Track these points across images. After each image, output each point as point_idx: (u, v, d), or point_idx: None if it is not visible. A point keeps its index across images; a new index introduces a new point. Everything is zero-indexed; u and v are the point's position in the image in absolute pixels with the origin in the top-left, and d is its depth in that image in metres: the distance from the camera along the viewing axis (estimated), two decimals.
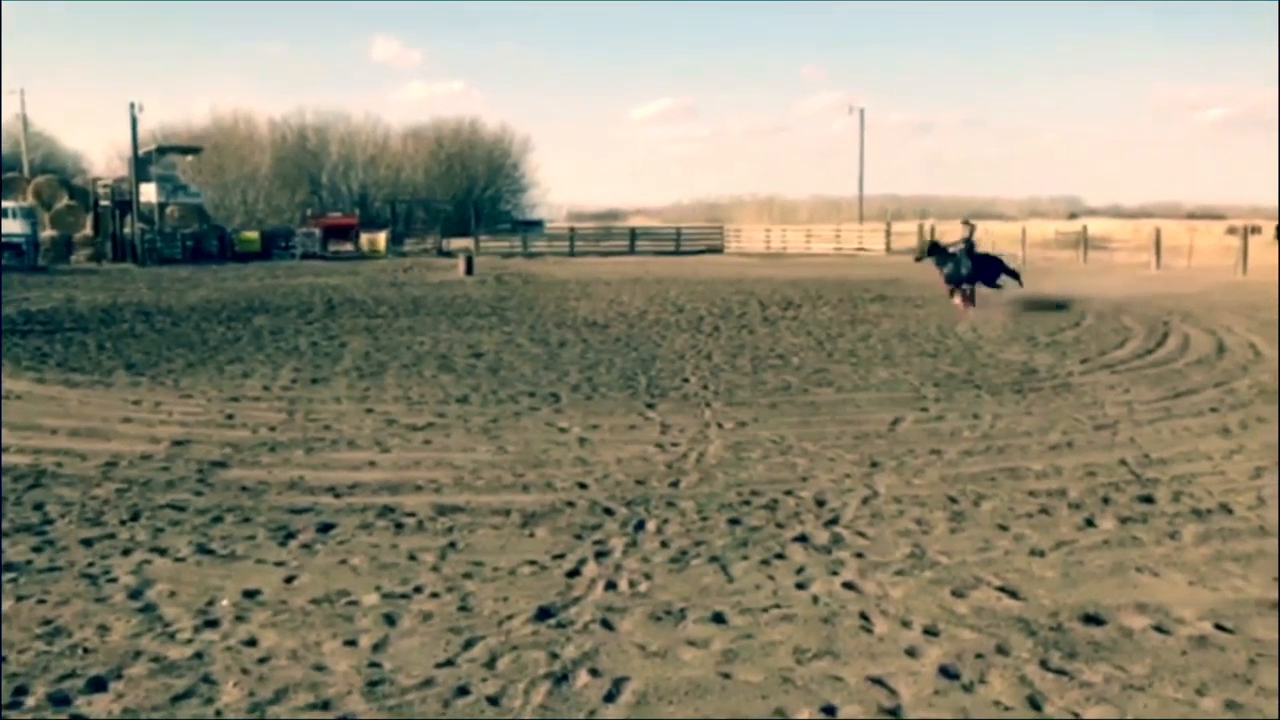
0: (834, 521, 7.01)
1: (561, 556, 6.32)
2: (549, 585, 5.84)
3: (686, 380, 12.94)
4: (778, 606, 5.49)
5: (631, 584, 5.83)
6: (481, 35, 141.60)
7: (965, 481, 8.03)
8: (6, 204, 45.98)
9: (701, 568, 6.11)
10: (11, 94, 75.49)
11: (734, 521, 7.00)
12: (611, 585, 5.81)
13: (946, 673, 4.69)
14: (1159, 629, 5.20)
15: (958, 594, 5.67)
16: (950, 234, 26.18)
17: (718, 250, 52.82)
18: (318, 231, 50.29)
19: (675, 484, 8.01)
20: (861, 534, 6.75)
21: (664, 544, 6.53)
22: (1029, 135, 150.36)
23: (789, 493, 7.71)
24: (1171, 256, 35.27)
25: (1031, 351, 15.28)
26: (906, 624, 5.26)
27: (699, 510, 7.26)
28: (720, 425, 10.18)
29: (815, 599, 5.61)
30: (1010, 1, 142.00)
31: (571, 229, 59.57)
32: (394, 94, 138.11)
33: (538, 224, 70.66)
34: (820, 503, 7.45)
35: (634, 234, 57.42)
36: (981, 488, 7.85)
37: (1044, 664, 4.78)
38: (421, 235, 56.50)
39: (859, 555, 6.33)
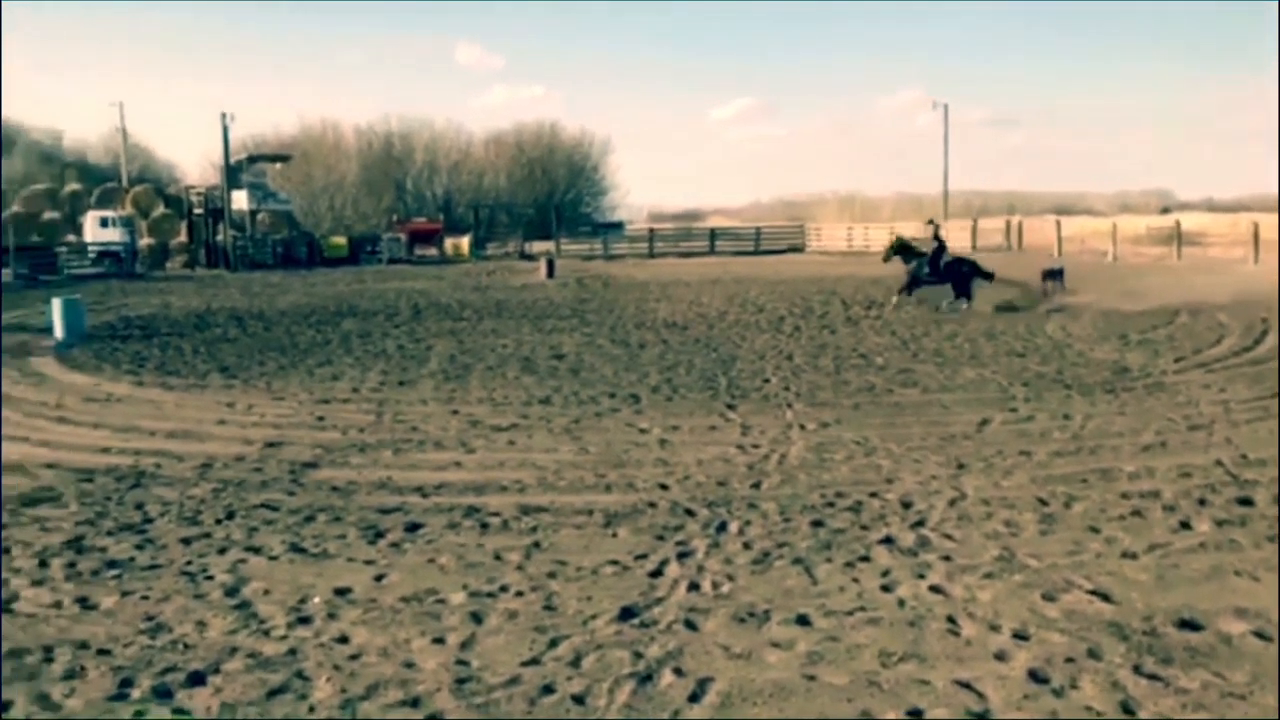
0: (920, 524, 6.93)
1: (644, 557, 6.35)
2: (632, 585, 5.87)
3: (767, 381, 12.89)
4: (863, 609, 5.45)
5: (714, 585, 5.83)
6: (562, 39, 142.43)
7: (1055, 483, 7.88)
8: (106, 213, 47.77)
9: (785, 569, 6.09)
10: (112, 106, 78.27)
11: (817, 523, 6.96)
12: (694, 586, 5.82)
13: (1036, 677, 4.61)
14: (1259, 635, 5.04)
15: (1048, 597, 5.57)
16: (1036, 230, 25.62)
17: (798, 249, 52.49)
18: (403, 237, 51.18)
19: (757, 485, 7.99)
20: (949, 536, 6.66)
21: (746, 545, 6.52)
22: (1117, 128, 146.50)
23: (874, 495, 7.64)
24: (1270, 250, 34.06)
25: (1123, 350, 14.91)
26: (995, 627, 5.18)
27: (781, 512, 7.24)
28: (802, 426, 10.12)
29: (901, 602, 5.55)
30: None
31: (651, 230, 59.65)
32: (476, 99, 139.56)
33: (618, 226, 70.85)
34: (906, 505, 7.37)
35: (714, 234, 57.28)
36: (1072, 489, 7.69)
37: (1138, 669, 4.67)
38: (504, 239, 57.15)
39: (946, 558, 6.25)
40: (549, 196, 75.78)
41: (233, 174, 47.16)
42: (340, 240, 51.24)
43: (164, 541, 6.87)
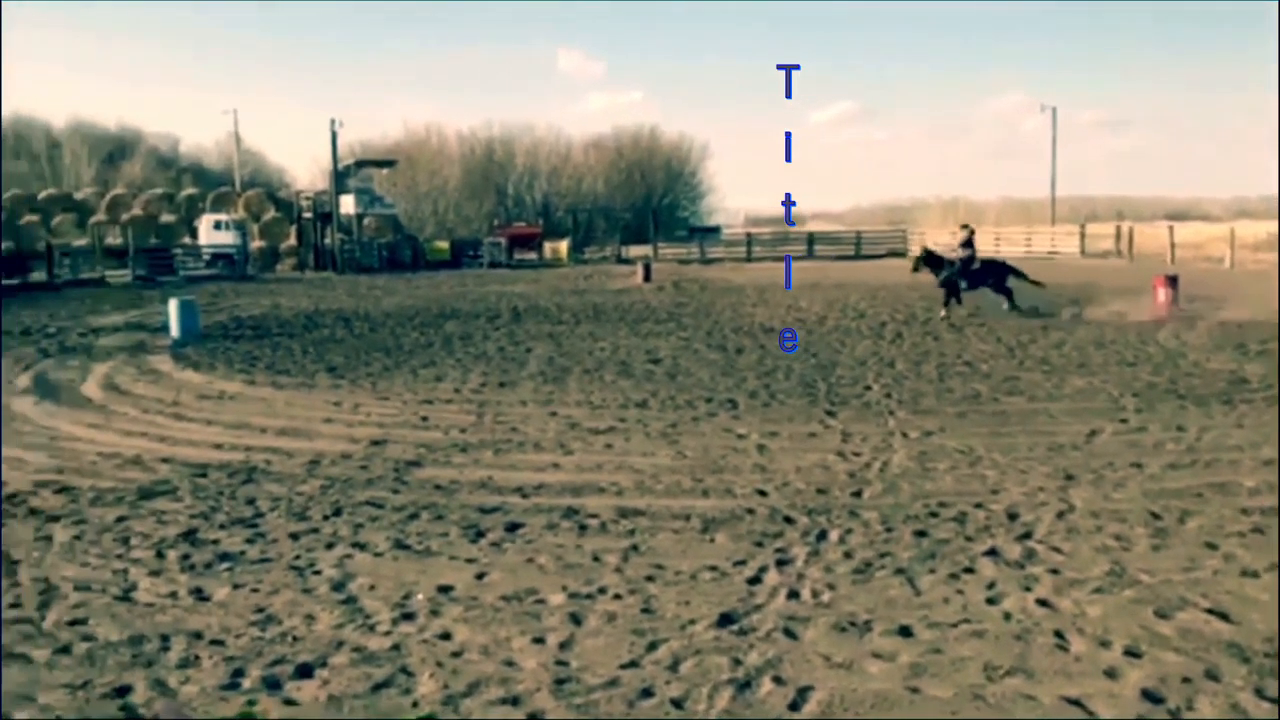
0: (1027, 536, 6.76)
1: (742, 563, 6.32)
2: (730, 591, 5.84)
3: (868, 388, 12.71)
4: (967, 621, 5.34)
5: (814, 593, 5.77)
6: (661, 44, 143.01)
7: (1169, 497, 7.61)
8: (220, 217, 49.47)
9: (887, 579, 5.99)
10: (226, 113, 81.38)
11: (920, 533, 6.84)
12: (794, 594, 5.77)
13: (1150, 696, 4.46)
14: None
15: (1161, 614, 5.38)
16: (1148, 237, 24.83)
17: (900, 254, 51.70)
18: (503, 241, 51.91)
19: (858, 494, 7.88)
20: (1056, 549, 6.48)
21: (847, 554, 6.44)
22: (1234, 131, 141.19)
23: (978, 505, 7.48)
24: None
25: (1241, 360, 14.35)
26: (1105, 644, 5.02)
27: (883, 521, 7.13)
28: (904, 434, 9.95)
29: (1007, 615, 5.42)
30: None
31: (748, 234, 59.47)
32: (576, 105, 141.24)
33: (715, 230, 70.76)
34: (1012, 516, 7.20)
35: (812, 238, 56.78)
36: (1187, 504, 7.42)
37: (1259, 692, 4.48)
38: (601, 243, 57.57)
39: (1054, 571, 6.08)
40: (646, 201, 76.10)
41: (340, 179, 48.36)
42: (443, 244, 52.26)
43: (274, 536, 7.06)
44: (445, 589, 5.95)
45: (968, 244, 21.87)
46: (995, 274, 21.71)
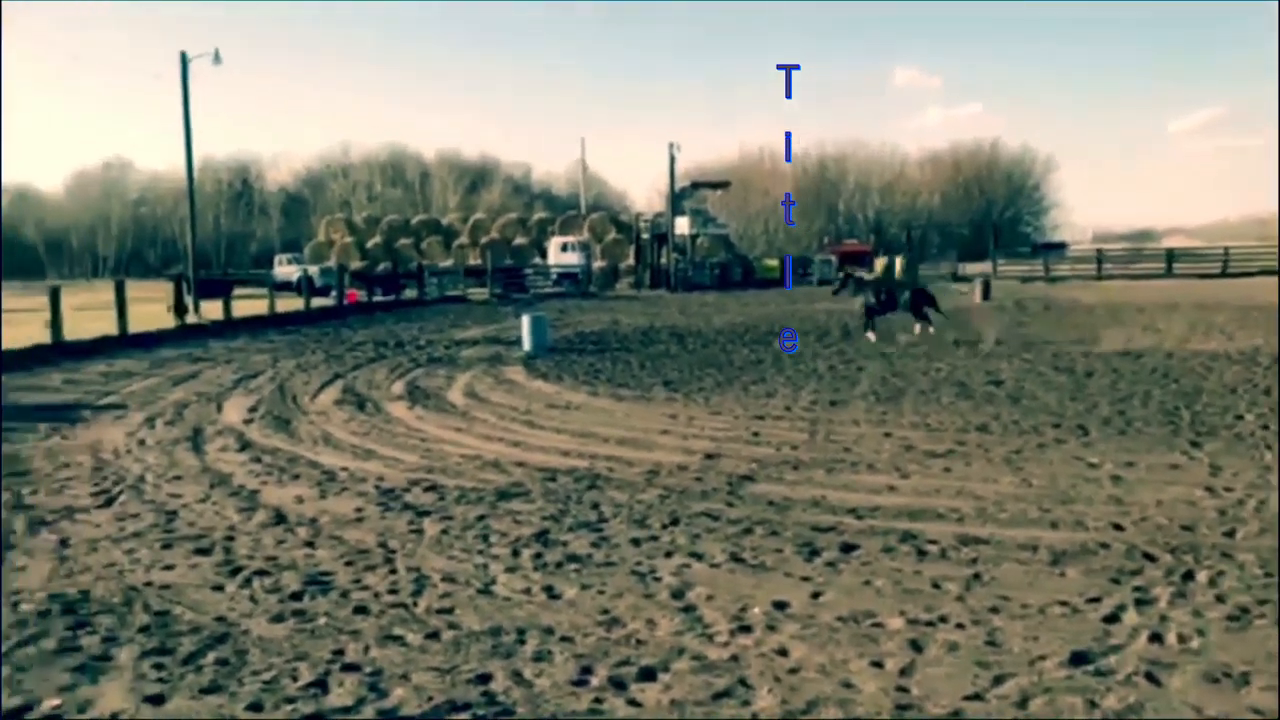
0: None
1: (1097, 600, 5.91)
2: (1083, 629, 5.47)
3: (1240, 418, 11.54)
4: None
5: (1181, 638, 5.30)
6: (1002, 56, 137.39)
7: None
8: (567, 239, 52.63)
9: (1267, 630, 5.40)
10: (574, 143, 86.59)
11: None
12: (1156, 637, 5.32)
13: None
14: None
15: None
16: None
17: (1274, 272, 46.72)
18: (834, 258, 51.71)
19: (1230, 533, 7.16)
20: None
21: (1219, 599, 5.87)
22: None
23: None
24: None
25: None
26: None
27: (1261, 564, 6.43)
28: None
29: None
30: None
31: (1098, 251, 55.82)
32: (912, 120, 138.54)
33: (1060, 246, 67.07)
34: None
35: (1170, 255, 52.49)
36: None
37: None
38: (935, 260, 56.01)
39: None
40: (985, 216, 73.29)
41: (676, 200, 50.05)
42: (773, 262, 52.93)
43: (616, 541, 7.37)
44: (781, 605, 5.97)
45: (889, 267, 22.01)
46: (913, 298, 21.43)
